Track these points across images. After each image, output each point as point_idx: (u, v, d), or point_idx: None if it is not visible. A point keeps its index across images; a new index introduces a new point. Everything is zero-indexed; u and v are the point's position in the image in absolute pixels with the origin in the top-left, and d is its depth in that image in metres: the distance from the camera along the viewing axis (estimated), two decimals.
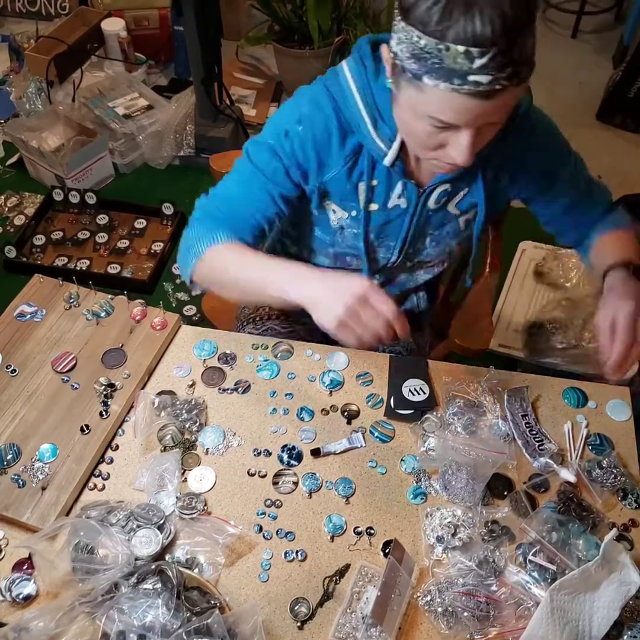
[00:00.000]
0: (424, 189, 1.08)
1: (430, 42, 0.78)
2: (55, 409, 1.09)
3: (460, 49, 0.76)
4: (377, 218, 1.12)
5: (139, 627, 0.82)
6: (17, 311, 1.22)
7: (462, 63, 0.77)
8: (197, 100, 2.71)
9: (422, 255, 1.21)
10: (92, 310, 1.22)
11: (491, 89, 0.79)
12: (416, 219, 1.12)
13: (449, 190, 1.09)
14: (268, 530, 0.99)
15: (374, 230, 1.14)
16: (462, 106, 0.82)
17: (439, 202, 1.11)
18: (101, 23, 3.03)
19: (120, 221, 2.59)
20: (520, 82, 0.81)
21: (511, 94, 0.82)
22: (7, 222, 2.61)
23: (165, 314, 1.23)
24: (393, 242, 1.16)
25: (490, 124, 0.87)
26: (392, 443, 1.09)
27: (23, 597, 0.91)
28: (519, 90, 0.83)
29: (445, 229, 1.16)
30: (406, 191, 1.08)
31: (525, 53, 0.80)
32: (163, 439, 1.08)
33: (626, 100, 2.98)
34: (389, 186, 1.08)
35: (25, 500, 0.99)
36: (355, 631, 0.89)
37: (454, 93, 0.80)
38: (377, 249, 1.18)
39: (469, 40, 0.76)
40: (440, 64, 0.79)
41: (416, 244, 1.18)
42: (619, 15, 3.69)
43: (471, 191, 1.11)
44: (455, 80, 0.79)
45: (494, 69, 0.78)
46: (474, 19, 0.75)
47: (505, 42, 0.76)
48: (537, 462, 1.05)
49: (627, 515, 1.01)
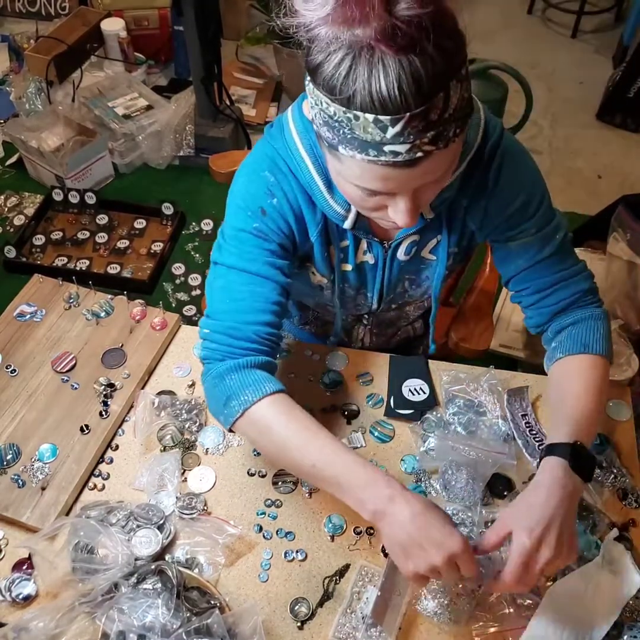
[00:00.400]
0: (389, 244, 1.01)
1: (338, 110, 0.68)
2: (55, 409, 1.09)
3: (369, 117, 0.66)
4: (351, 277, 1.07)
5: (139, 627, 0.82)
6: (17, 311, 1.22)
7: (374, 133, 0.68)
8: (197, 100, 2.71)
9: (405, 298, 1.16)
10: (92, 310, 1.22)
11: (412, 158, 0.69)
12: (388, 272, 1.06)
13: (417, 241, 1.02)
14: (268, 530, 0.99)
15: (350, 287, 1.10)
16: (386, 176, 0.73)
17: (409, 253, 1.03)
18: (101, 23, 3.03)
19: (120, 221, 2.59)
20: (449, 143, 0.71)
21: (445, 154, 0.72)
22: (7, 222, 2.61)
23: (165, 314, 1.23)
24: (370, 293, 1.12)
25: (429, 183, 0.77)
26: (392, 443, 1.09)
27: (23, 597, 0.91)
28: (455, 147, 0.73)
29: (424, 273, 1.09)
30: (372, 248, 1.02)
31: (450, 111, 0.68)
32: (163, 439, 1.08)
33: (626, 100, 2.98)
34: (356, 245, 1.02)
35: (25, 500, 0.99)
36: (355, 631, 0.89)
37: (372, 164, 0.71)
38: (357, 297, 1.14)
39: (377, 108, 0.65)
40: (351, 134, 0.69)
41: (395, 290, 1.12)
42: (619, 15, 3.69)
43: (444, 238, 1.02)
44: (370, 152, 0.70)
45: (411, 136, 0.67)
46: (379, 81, 0.64)
47: (420, 104, 0.65)
48: (537, 462, 1.05)
49: (627, 515, 1.01)
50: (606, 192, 2.73)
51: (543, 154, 2.94)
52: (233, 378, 0.90)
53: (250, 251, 0.93)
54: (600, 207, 2.29)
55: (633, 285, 1.86)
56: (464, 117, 0.72)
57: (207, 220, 2.61)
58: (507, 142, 0.95)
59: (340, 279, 1.07)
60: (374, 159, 0.70)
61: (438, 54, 0.65)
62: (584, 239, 2.31)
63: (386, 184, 0.75)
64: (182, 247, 2.55)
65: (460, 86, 0.69)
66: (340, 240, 1.01)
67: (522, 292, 1.05)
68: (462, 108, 0.70)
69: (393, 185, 0.75)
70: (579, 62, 3.47)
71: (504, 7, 3.82)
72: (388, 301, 1.15)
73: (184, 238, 2.57)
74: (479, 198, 0.97)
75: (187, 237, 2.58)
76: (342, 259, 1.04)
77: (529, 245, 0.99)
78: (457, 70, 0.68)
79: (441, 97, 0.67)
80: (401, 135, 0.67)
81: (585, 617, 0.87)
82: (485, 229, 1.01)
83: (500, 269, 1.06)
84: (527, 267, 1.01)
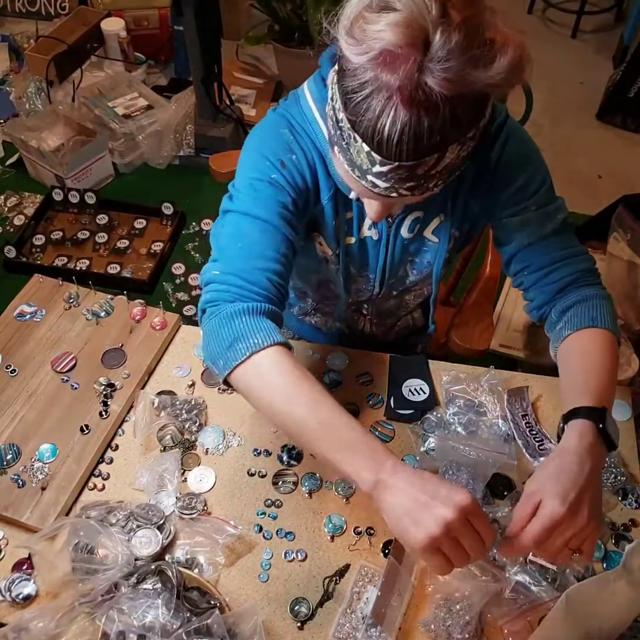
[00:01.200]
0: (393, 219, 1.02)
1: (345, 122, 0.71)
2: (55, 409, 1.09)
3: (365, 147, 0.70)
4: (354, 251, 1.07)
5: (139, 627, 0.82)
6: (16, 311, 1.22)
7: (364, 161, 0.72)
8: (197, 100, 2.71)
9: (405, 283, 1.16)
10: (92, 310, 1.22)
11: (388, 195, 0.74)
12: (391, 250, 1.07)
13: (421, 218, 1.03)
14: (268, 530, 0.99)
15: (354, 264, 1.10)
16: (364, 192, 0.78)
17: (413, 230, 1.04)
18: (101, 23, 3.03)
19: (120, 221, 2.58)
20: (425, 192, 0.75)
21: (421, 197, 0.77)
22: (7, 222, 2.61)
23: (165, 314, 1.23)
24: (372, 274, 1.11)
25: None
26: (392, 443, 1.09)
27: (23, 597, 0.91)
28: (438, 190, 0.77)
29: (426, 257, 1.09)
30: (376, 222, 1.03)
31: (438, 169, 0.72)
32: (163, 439, 1.08)
33: (626, 100, 2.98)
34: (361, 218, 1.03)
35: (25, 500, 0.99)
36: (355, 631, 0.89)
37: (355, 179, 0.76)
38: (358, 280, 1.14)
39: (374, 144, 0.69)
40: (348, 148, 0.73)
41: (397, 273, 1.13)
42: (619, 15, 3.70)
43: (447, 218, 1.03)
44: (356, 171, 0.74)
45: (392, 180, 0.72)
46: (385, 124, 0.67)
47: (412, 159, 0.69)
48: (537, 462, 1.05)
49: (628, 515, 1.01)
50: (606, 192, 2.73)
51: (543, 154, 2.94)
52: (244, 321, 0.83)
53: (264, 199, 0.91)
54: (600, 207, 2.29)
55: (633, 285, 1.86)
56: (452, 172, 0.75)
57: (207, 220, 2.61)
58: (512, 122, 0.97)
59: (344, 252, 1.06)
60: (357, 179, 0.76)
61: (449, 121, 0.67)
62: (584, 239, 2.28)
63: (363, 195, 0.82)
64: (182, 247, 2.54)
65: (460, 147, 0.71)
66: (345, 210, 1.01)
67: (524, 271, 1.02)
68: (454, 165, 0.73)
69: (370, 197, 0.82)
70: (579, 62, 3.47)
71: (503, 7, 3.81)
72: (389, 285, 1.15)
73: (184, 238, 2.57)
74: (483, 175, 0.98)
75: (187, 237, 2.58)
76: (346, 231, 1.04)
77: (531, 221, 0.99)
78: (464, 134, 0.70)
79: (434, 157, 0.70)
80: (384, 176, 0.72)
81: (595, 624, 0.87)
82: (489, 207, 1.01)
83: (502, 248, 1.05)
84: (528, 244, 1.00)
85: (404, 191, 0.74)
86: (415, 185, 0.73)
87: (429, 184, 0.74)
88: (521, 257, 1.02)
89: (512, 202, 0.99)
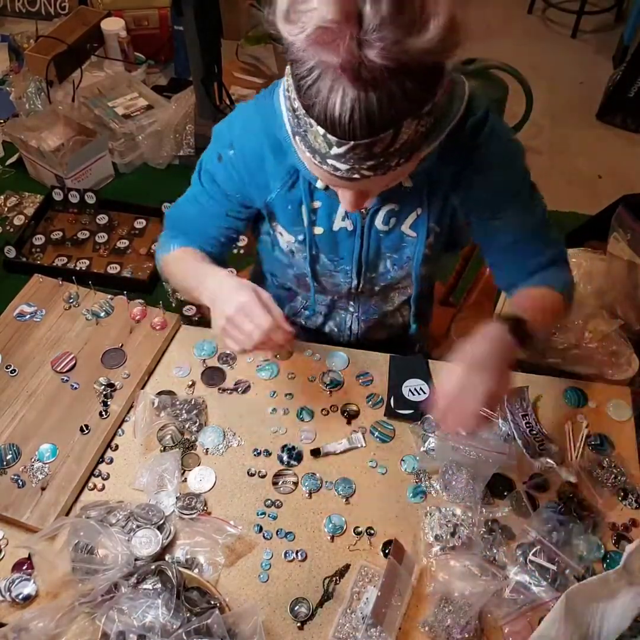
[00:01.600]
0: (367, 210, 1.02)
1: (300, 109, 0.72)
2: (55, 409, 1.09)
3: (320, 131, 0.71)
4: (324, 241, 1.07)
5: (139, 628, 0.82)
6: (16, 311, 1.22)
7: (322, 145, 0.72)
8: (197, 100, 2.71)
9: (387, 279, 1.14)
10: (92, 310, 1.22)
11: (350, 177, 0.74)
12: (366, 241, 1.06)
13: (396, 210, 1.03)
14: (268, 530, 0.99)
15: (324, 253, 1.10)
16: (329, 179, 0.79)
17: (388, 223, 1.04)
18: (101, 23, 3.03)
19: (120, 221, 2.58)
20: (388, 171, 0.74)
21: (385, 177, 0.76)
22: (7, 222, 2.61)
23: (165, 314, 1.23)
24: (348, 265, 1.11)
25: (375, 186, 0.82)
26: (392, 443, 1.09)
27: (23, 597, 0.91)
28: (398, 172, 0.76)
29: (406, 252, 1.09)
30: (350, 213, 1.03)
31: (397, 146, 0.71)
32: (163, 439, 1.08)
33: (626, 100, 2.98)
34: (331, 208, 1.03)
35: (25, 500, 0.99)
36: (355, 631, 0.89)
37: (317, 165, 0.77)
38: (334, 274, 1.13)
39: (328, 126, 0.70)
40: (305, 135, 0.74)
41: (375, 267, 1.12)
42: (619, 15, 3.70)
43: (424, 212, 1.03)
44: (316, 157, 0.75)
45: (351, 160, 0.72)
46: (335, 105, 0.67)
47: (366, 137, 0.69)
48: (537, 462, 1.05)
49: (628, 515, 1.01)
50: (606, 192, 2.73)
51: (543, 154, 2.94)
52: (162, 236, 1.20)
53: (204, 188, 1.08)
54: (600, 207, 2.29)
55: (633, 285, 1.86)
56: (413, 149, 0.74)
57: None
58: (496, 120, 0.97)
59: (311, 242, 1.07)
60: (318, 164, 0.76)
61: (399, 95, 0.67)
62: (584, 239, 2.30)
63: (330, 182, 0.82)
64: None
65: (417, 123, 0.71)
66: (311, 200, 1.03)
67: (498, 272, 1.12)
68: (412, 142, 0.73)
69: (337, 185, 0.82)
70: (579, 62, 3.47)
71: (504, 7, 3.82)
72: (370, 280, 1.14)
73: None
74: (465, 172, 0.98)
75: None
76: (313, 221, 1.05)
77: (509, 223, 1.03)
78: (417, 109, 0.70)
79: (390, 134, 0.69)
80: (343, 157, 0.72)
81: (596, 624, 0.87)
82: (468, 204, 1.02)
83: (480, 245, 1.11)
84: (504, 248, 1.06)
85: (366, 171, 0.73)
86: (375, 164, 0.72)
87: (390, 162, 0.73)
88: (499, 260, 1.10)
89: (494, 202, 1.01)
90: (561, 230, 1.11)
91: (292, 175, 1.01)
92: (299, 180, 1.01)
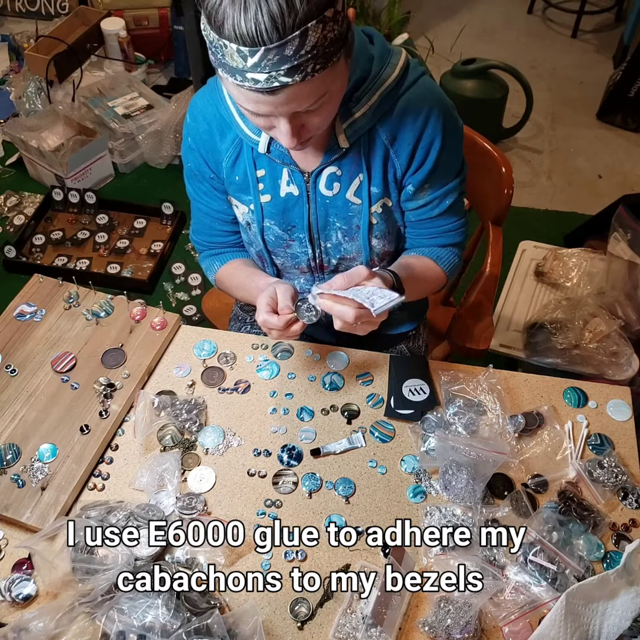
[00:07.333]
0: (310, 173, 1.05)
1: (213, 36, 0.77)
2: (55, 409, 1.09)
3: (233, 47, 0.75)
4: (272, 208, 1.10)
5: (139, 627, 0.82)
6: (16, 311, 1.22)
7: (238, 61, 0.76)
8: None
9: (342, 251, 1.15)
10: (92, 310, 1.22)
11: (271, 86, 0.78)
12: (313, 206, 1.09)
13: (339, 175, 1.05)
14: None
15: (276, 221, 1.12)
16: (255, 99, 0.81)
17: (331, 187, 1.07)
18: (101, 23, 3.02)
19: (120, 221, 2.59)
20: (307, 77, 0.78)
21: (306, 86, 0.79)
22: (7, 222, 2.61)
23: (165, 314, 1.23)
24: (302, 233, 1.13)
25: (310, 111, 0.85)
26: (392, 443, 1.09)
27: (23, 597, 0.91)
28: (318, 81, 0.79)
29: (354, 221, 1.10)
30: (293, 178, 1.06)
31: (307, 49, 0.75)
32: (163, 439, 1.08)
33: (626, 100, 2.98)
34: (275, 174, 1.07)
35: (25, 500, 0.99)
36: (355, 631, 0.89)
37: (240, 88, 0.80)
38: (290, 243, 1.15)
39: (238, 39, 0.74)
40: (223, 59, 0.78)
41: (327, 236, 1.13)
42: (619, 15, 3.69)
43: (365, 178, 1.05)
44: (237, 77, 0.78)
45: (267, 67, 0.76)
46: (240, 16, 0.73)
47: (274, 40, 0.73)
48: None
49: (628, 515, 1.01)
50: (606, 192, 2.73)
51: (543, 154, 2.94)
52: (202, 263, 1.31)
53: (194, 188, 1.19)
54: (600, 207, 2.29)
55: (633, 285, 1.86)
56: (327, 56, 0.78)
57: None
58: (427, 80, 1.02)
59: (259, 211, 1.11)
60: (240, 84, 0.79)
61: None
62: (584, 239, 2.30)
63: (258, 107, 0.83)
64: (182, 246, 2.54)
65: (322, 27, 0.75)
66: (255, 168, 1.07)
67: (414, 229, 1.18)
68: (323, 47, 0.77)
69: (265, 108, 0.83)
70: (579, 62, 3.47)
71: (504, 7, 3.82)
72: (325, 251, 1.16)
73: (184, 238, 2.57)
74: (404, 137, 1.02)
75: (187, 236, 2.58)
76: (261, 190, 1.09)
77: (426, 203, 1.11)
78: (319, 12, 0.74)
79: (297, 36, 0.74)
80: (258, 66, 0.76)
81: (596, 623, 0.87)
82: (399, 174, 1.07)
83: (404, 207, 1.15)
84: (416, 220, 1.14)
85: (283, 77, 0.76)
86: (291, 67, 0.76)
87: (307, 67, 0.77)
88: (415, 225, 1.16)
89: (415, 180, 1.06)
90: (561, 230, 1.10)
91: (237, 145, 1.06)
92: (243, 149, 1.06)
